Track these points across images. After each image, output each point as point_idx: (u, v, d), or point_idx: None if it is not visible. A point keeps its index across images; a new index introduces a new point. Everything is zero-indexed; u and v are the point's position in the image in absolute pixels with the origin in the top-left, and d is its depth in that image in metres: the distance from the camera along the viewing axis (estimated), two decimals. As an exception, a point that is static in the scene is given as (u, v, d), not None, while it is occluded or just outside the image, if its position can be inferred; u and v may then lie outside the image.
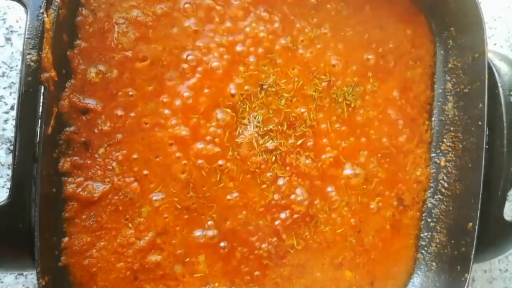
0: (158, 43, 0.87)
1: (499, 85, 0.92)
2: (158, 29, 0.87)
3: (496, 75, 0.93)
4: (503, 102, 0.91)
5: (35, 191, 0.72)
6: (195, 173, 0.88)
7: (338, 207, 0.96)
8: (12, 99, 0.92)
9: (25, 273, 0.91)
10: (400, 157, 1.02)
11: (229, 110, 0.90)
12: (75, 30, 0.82)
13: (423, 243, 1.03)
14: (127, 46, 0.85)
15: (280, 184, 0.92)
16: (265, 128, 0.91)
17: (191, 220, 0.88)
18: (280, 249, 0.93)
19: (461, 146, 0.99)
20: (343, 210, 0.97)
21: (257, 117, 0.91)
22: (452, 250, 0.96)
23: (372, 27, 1.00)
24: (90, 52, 0.83)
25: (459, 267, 0.92)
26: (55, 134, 0.79)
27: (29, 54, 0.72)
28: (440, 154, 1.04)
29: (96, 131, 0.83)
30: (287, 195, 0.93)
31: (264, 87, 0.92)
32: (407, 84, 1.03)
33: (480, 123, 0.92)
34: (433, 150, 1.05)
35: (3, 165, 0.91)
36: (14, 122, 0.73)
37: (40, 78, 0.73)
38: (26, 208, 0.72)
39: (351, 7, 0.98)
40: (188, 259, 0.88)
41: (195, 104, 0.88)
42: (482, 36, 0.92)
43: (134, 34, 0.85)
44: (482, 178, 0.90)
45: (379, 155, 1.00)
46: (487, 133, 0.92)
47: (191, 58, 0.88)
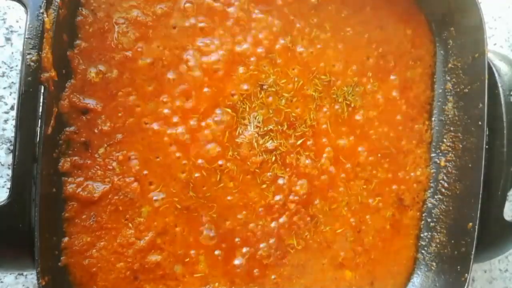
0: (158, 43, 0.87)
1: (499, 85, 0.92)
2: (158, 29, 0.87)
3: (496, 75, 0.93)
4: (503, 102, 0.91)
5: (35, 191, 0.72)
6: (195, 173, 0.88)
7: (338, 207, 0.96)
8: (12, 99, 0.92)
9: (25, 273, 0.91)
10: (400, 157, 1.02)
11: (229, 110, 0.90)
12: (75, 30, 0.82)
13: (423, 243, 1.03)
14: (127, 46, 0.85)
15: (280, 184, 0.92)
16: (265, 128, 0.91)
17: (191, 220, 0.88)
18: (280, 249, 0.93)
19: (461, 146, 0.99)
20: (343, 210, 0.97)
21: (257, 117, 0.91)
22: (452, 250, 0.96)
23: (372, 27, 1.00)
24: (90, 52, 0.83)
25: (459, 267, 0.93)
26: (55, 134, 0.79)
27: (29, 54, 0.72)
28: (440, 154, 1.04)
29: (96, 131, 0.83)
30: (287, 195, 0.93)
31: (264, 87, 0.92)
32: (407, 84, 1.03)
33: (480, 123, 0.92)
34: (433, 150, 1.05)
35: (3, 165, 0.91)
36: (14, 122, 0.73)
37: (40, 78, 0.73)
38: (26, 208, 0.72)
39: (351, 7, 0.98)
40: (188, 259, 0.88)
41: (195, 104, 0.88)
42: (482, 36, 0.92)
43: (134, 34, 0.85)
44: (482, 178, 0.90)
45: (379, 155, 1.00)
46: (487, 133, 0.92)
47: (191, 58, 0.88)
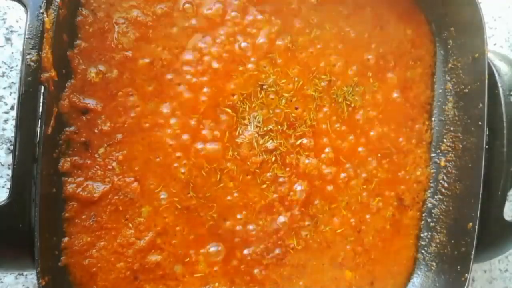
0: (158, 43, 0.87)
1: (499, 85, 0.92)
2: (158, 29, 0.87)
3: (496, 75, 0.93)
4: (503, 102, 0.91)
5: (35, 191, 0.72)
6: (195, 173, 0.88)
7: (338, 207, 0.96)
8: (12, 99, 0.92)
9: (25, 273, 0.91)
10: (400, 157, 1.02)
11: (229, 110, 0.90)
12: (75, 30, 0.82)
13: (423, 243, 1.03)
14: (127, 46, 0.85)
15: (280, 184, 0.92)
16: (265, 128, 0.91)
17: (191, 220, 0.88)
18: (280, 249, 0.93)
19: (461, 146, 0.99)
20: (343, 210, 0.97)
21: (257, 117, 0.91)
22: (452, 250, 0.96)
23: (372, 27, 1.00)
24: (90, 52, 0.83)
25: (459, 267, 0.92)
26: (55, 134, 0.79)
27: (29, 54, 0.72)
28: (440, 154, 1.04)
29: (96, 131, 0.83)
30: (287, 195, 0.93)
31: (264, 87, 0.92)
32: (407, 84, 1.03)
33: (480, 123, 0.92)
34: (433, 150, 1.05)
35: (3, 165, 0.91)
36: (14, 122, 0.73)
37: (40, 78, 0.73)
38: (26, 208, 0.72)
39: (351, 7, 0.98)
40: (188, 259, 0.88)
41: (195, 104, 0.88)
42: (482, 36, 0.92)
43: (134, 34, 0.85)
44: (482, 178, 0.90)
45: (379, 155, 1.00)
46: (487, 133, 0.92)
47: (191, 58, 0.88)
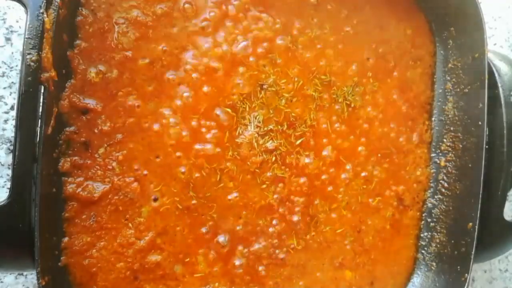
0: (158, 43, 0.87)
1: (499, 85, 0.92)
2: (158, 29, 0.87)
3: (496, 75, 0.93)
4: (503, 102, 0.91)
5: (35, 191, 0.72)
6: (195, 173, 0.88)
7: (338, 207, 0.96)
8: (12, 99, 0.92)
9: (25, 273, 0.91)
10: (400, 157, 1.02)
11: (229, 110, 0.90)
12: (75, 30, 0.82)
13: (423, 243, 1.03)
14: (127, 46, 0.85)
15: (280, 184, 0.92)
16: (265, 128, 0.91)
17: (191, 220, 0.88)
18: (280, 249, 0.93)
19: (461, 146, 0.99)
20: (343, 210, 0.97)
21: (257, 117, 0.91)
22: (452, 250, 0.96)
23: (372, 27, 1.00)
24: (90, 52, 0.83)
25: (459, 267, 0.93)
26: (55, 134, 0.79)
27: (29, 54, 0.72)
28: (440, 154, 1.04)
29: (96, 131, 0.83)
30: (287, 195, 0.93)
31: (264, 87, 0.92)
32: (407, 84, 1.03)
33: (480, 123, 0.92)
34: (433, 150, 1.05)
35: (3, 165, 0.91)
36: (14, 122, 0.73)
37: (40, 78, 0.73)
38: (26, 208, 0.72)
39: (351, 7, 0.98)
40: (188, 259, 0.88)
41: (195, 104, 0.88)
42: (482, 36, 0.92)
43: (134, 34, 0.85)
44: (482, 178, 0.90)
45: (379, 155, 1.00)
46: (487, 133, 0.92)
47: (191, 58, 0.88)
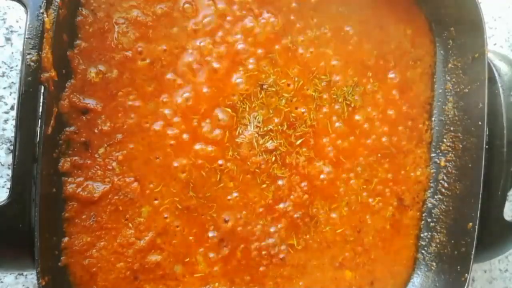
0: (158, 43, 0.87)
1: (499, 85, 0.92)
2: (158, 29, 0.87)
3: (496, 75, 0.93)
4: (503, 102, 0.91)
5: (35, 191, 0.72)
6: (195, 173, 0.88)
7: (338, 207, 0.97)
8: (12, 99, 0.92)
9: (25, 273, 0.91)
10: (400, 157, 1.02)
11: (229, 110, 0.90)
12: (75, 30, 0.82)
13: (423, 243, 1.03)
14: (127, 46, 0.85)
15: (280, 184, 0.92)
16: (265, 128, 0.91)
17: (191, 220, 0.88)
18: (280, 249, 0.93)
19: (461, 146, 0.99)
20: (343, 210, 0.97)
21: (257, 117, 0.91)
22: (452, 250, 0.96)
23: (372, 27, 1.00)
24: (90, 52, 0.83)
25: (459, 267, 0.93)
26: (55, 134, 0.79)
27: (29, 54, 0.72)
28: (440, 154, 1.04)
29: (96, 131, 0.83)
30: (287, 195, 0.93)
31: (264, 87, 0.92)
32: (407, 84, 1.03)
33: (480, 123, 0.92)
34: (433, 150, 1.05)
35: (3, 165, 0.91)
36: (14, 122, 0.73)
37: (40, 78, 0.73)
38: (26, 208, 0.72)
39: (351, 7, 0.98)
40: (188, 259, 0.88)
41: (195, 104, 0.88)
42: (482, 36, 0.92)
43: (134, 34, 0.85)
44: (482, 178, 0.90)
45: (379, 155, 1.00)
46: (487, 133, 0.92)
47: (191, 58, 0.88)
